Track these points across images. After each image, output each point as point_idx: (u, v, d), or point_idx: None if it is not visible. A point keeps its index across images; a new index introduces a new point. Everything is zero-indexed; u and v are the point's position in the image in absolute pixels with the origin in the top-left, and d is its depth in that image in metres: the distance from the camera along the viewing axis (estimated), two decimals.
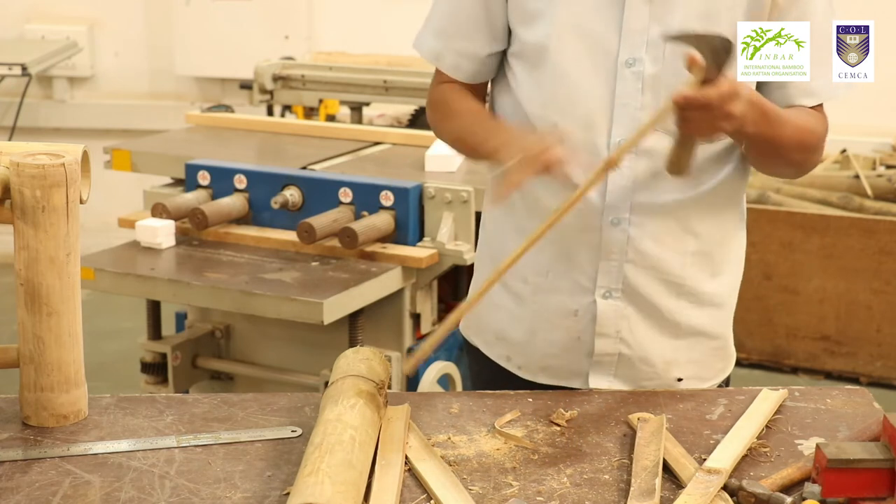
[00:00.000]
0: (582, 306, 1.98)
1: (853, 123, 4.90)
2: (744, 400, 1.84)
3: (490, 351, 2.09)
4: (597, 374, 1.99)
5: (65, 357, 1.73)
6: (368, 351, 1.79)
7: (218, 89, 6.18)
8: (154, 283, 3.17)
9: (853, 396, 1.88)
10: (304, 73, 4.43)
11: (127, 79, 6.31)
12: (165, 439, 1.69)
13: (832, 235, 4.71)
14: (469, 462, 1.64)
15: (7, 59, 5.68)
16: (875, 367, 4.75)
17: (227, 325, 3.53)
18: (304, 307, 2.98)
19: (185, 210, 3.38)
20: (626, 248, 1.94)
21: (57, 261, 1.69)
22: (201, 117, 4.39)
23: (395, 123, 4.66)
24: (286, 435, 1.71)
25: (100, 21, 6.26)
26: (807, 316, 4.82)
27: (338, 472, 1.45)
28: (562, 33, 1.90)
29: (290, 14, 5.94)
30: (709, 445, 1.68)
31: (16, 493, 1.53)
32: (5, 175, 1.67)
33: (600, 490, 1.56)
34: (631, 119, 1.89)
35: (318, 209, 3.31)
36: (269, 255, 3.28)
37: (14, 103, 5.98)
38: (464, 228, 3.30)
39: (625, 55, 1.89)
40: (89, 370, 1.79)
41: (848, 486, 1.48)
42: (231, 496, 1.53)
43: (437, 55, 2.02)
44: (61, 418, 1.74)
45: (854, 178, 4.91)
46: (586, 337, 1.98)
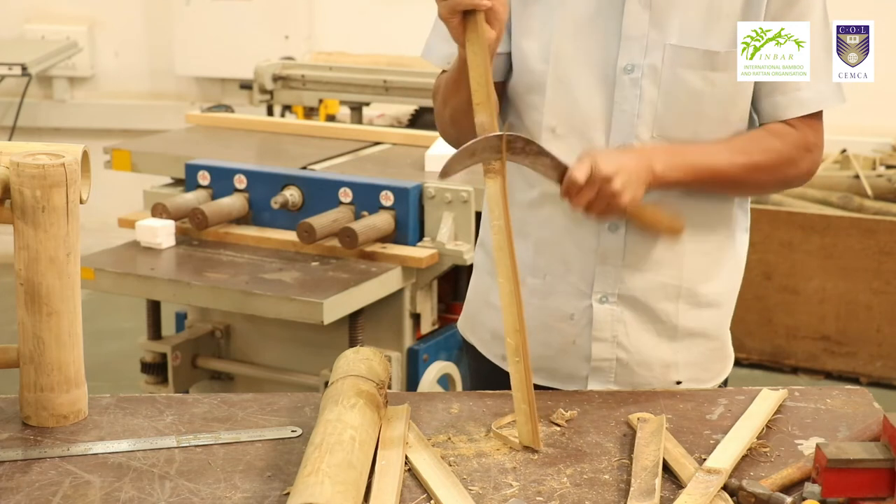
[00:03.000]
0: (578, 310, 1.98)
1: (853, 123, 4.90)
2: (744, 400, 1.84)
3: (486, 350, 2.09)
4: (596, 381, 1.99)
5: (65, 357, 1.73)
6: (368, 351, 1.79)
7: (218, 89, 6.18)
8: (154, 283, 3.18)
9: (853, 396, 1.88)
10: (304, 73, 4.43)
11: (127, 79, 6.31)
12: (165, 439, 1.69)
13: (832, 235, 4.71)
14: (469, 462, 1.64)
15: (7, 59, 5.68)
16: (875, 367, 4.75)
17: (227, 325, 3.53)
18: (304, 307, 2.98)
19: (185, 210, 3.38)
20: (624, 252, 1.94)
21: (57, 261, 1.69)
22: (201, 117, 4.40)
23: (395, 123, 4.66)
24: (286, 435, 1.71)
25: (100, 21, 6.26)
26: (807, 316, 4.82)
27: (338, 472, 1.45)
28: (561, 38, 1.90)
29: (290, 14, 5.94)
30: (709, 445, 1.68)
31: (16, 493, 1.53)
32: (5, 175, 1.67)
33: (600, 490, 1.56)
34: (629, 125, 1.89)
35: (318, 209, 3.31)
36: (269, 255, 3.28)
37: (14, 103, 5.98)
38: (464, 228, 3.30)
39: (623, 62, 1.89)
40: (89, 370, 1.79)
41: (848, 486, 1.48)
42: (231, 496, 1.53)
43: (447, 59, 1.98)
44: (61, 418, 1.74)
45: (854, 178, 4.92)
46: (582, 341, 1.98)
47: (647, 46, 1.88)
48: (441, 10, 1.75)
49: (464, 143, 2.06)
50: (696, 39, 1.87)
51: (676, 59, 1.87)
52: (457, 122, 1.97)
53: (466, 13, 1.73)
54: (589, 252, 1.95)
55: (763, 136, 1.92)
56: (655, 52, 1.88)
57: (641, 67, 1.88)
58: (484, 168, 1.72)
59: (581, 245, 1.95)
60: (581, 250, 1.95)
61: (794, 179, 1.98)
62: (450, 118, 1.98)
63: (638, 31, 1.88)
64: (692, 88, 1.88)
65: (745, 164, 1.90)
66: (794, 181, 1.99)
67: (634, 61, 1.88)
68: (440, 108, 2.01)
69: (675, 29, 1.87)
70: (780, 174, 1.95)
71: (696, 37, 1.87)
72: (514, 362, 1.69)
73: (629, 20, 1.88)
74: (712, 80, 1.87)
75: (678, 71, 1.87)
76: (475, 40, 1.74)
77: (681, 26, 1.87)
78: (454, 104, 1.93)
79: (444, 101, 1.97)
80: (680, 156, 1.87)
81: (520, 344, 1.69)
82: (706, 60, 1.87)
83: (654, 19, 1.88)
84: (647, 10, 1.88)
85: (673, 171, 1.85)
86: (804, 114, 1.91)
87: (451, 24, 1.75)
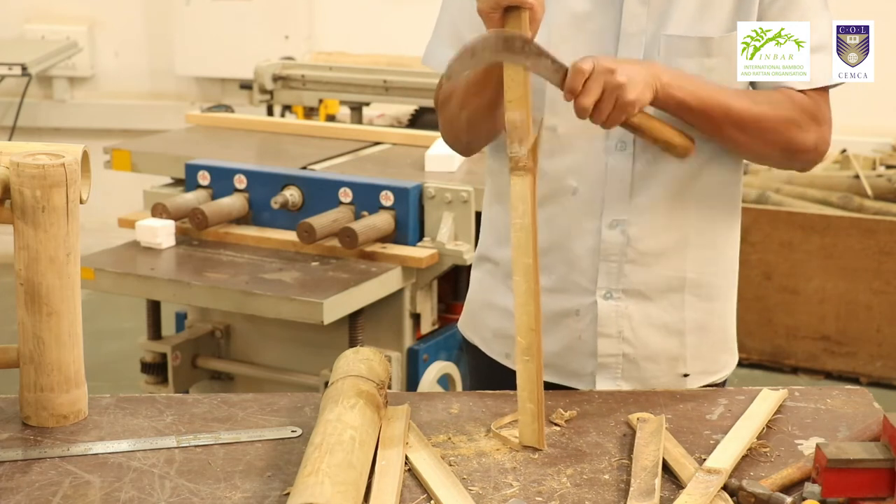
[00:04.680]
0: (583, 307, 1.98)
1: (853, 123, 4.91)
2: (744, 400, 1.84)
3: (489, 349, 2.09)
4: (603, 378, 1.99)
5: (65, 357, 1.73)
6: (368, 351, 1.79)
7: (218, 89, 6.18)
8: (154, 283, 3.18)
9: (853, 396, 1.88)
10: (304, 73, 4.43)
11: (127, 79, 6.31)
12: (165, 439, 1.69)
13: (832, 235, 4.71)
14: (469, 462, 1.64)
15: (7, 59, 5.68)
16: (875, 367, 4.76)
17: (227, 325, 3.53)
18: (304, 307, 2.98)
19: (185, 210, 3.38)
20: (626, 248, 1.94)
21: (57, 261, 1.69)
22: (201, 117, 4.40)
23: (395, 123, 4.66)
24: (286, 435, 1.71)
25: (100, 21, 6.26)
26: (807, 316, 4.82)
27: (338, 472, 1.45)
28: (560, 37, 1.90)
29: (290, 14, 5.94)
30: (709, 445, 1.68)
31: (16, 493, 1.53)
32: (5, 175, 1.67)
33: (600, 490, 1.56)
34: None
35: (318, 209, 3.31)
36: (269, 255, 3.28)
37: (14, 103, 5.98)
38: (464, 228, 3.31)
39: (623, 57, 1.88)
40: (89, 370, 1.79)
41: (848, 486, 1.48)
42: (231, 496, 1.53)
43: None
44: (61, 418, 1.74)
45: (854, 178, 4.92)
46: (587, 337, 1.98)
47: (646, 41, 1.88)
48: (482, 5, 1.73)
49: (474, 149, 2.06)
50: (691, 28, 1.87)
51: (673, 50, 1.88)
52: (474, 126, 1.95)
53: (508, 10, 1.73)
54: (591, 249, 1.95)
55: (773, 93, 1.90)
56: (653, 45, 1.88)
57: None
58: (512, 165, 1.71)
59: (583, 242, 1.95)
60: (583, 248, 1.95)
61: (800, 147, 1.91)
62: (467, 122, 1.95)
63: (636, 28, 1.89)
64: None
65: (750, 108, 1.86)
66: (799, 150, 1.91)
67: (633, 56, 1.88)
68: (455, 112, 1.96)
69: (672, 20, 1.88)
70: (785, 133, 1.89)
71: (692, 25, 1.87)
72: (524, 361, 1.69)
73: (628, 17, 1.88)
74: (709, 67, 1.87)
75: (675, 61, 1.87)
76: None
77: (678, 17, 1.88)
78: (475, 107, 1.91)
79: (462, 105, 1.93)
80: (688, 79, 1.84)
81: (532, 343, 1.68)
82: (702, 47, 1.87)
83: (651, 14, 1.88)
84: (646, 6, 1.88)
85: (679, 88, 1.81)
86: (811, 87, 1.89)
87: (491, 18, 1.73)
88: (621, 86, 1.75)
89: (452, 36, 1.96)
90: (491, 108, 1.73)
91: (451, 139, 2.04)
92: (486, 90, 1.85)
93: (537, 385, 1.69)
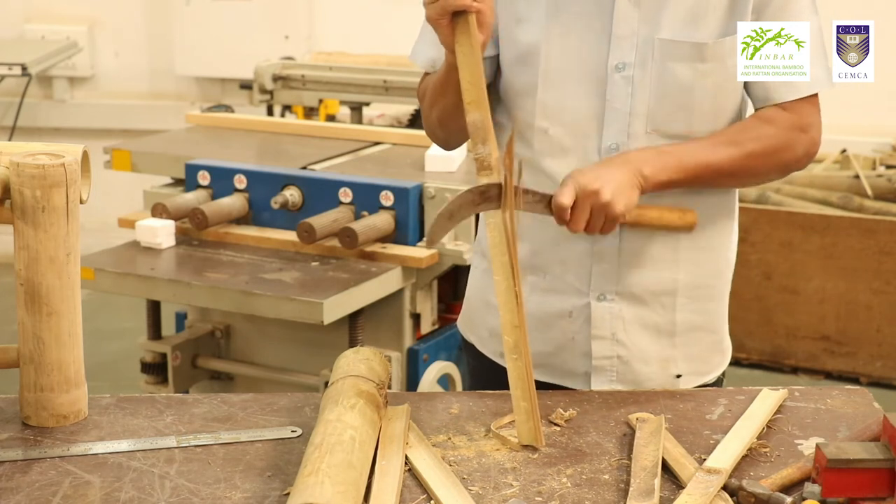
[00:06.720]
0: (576, 308, 1.98)
1: (853, 123, 4.91)
2: (744, 400, 1.84)
3: (485, 348, 2.10)
4: (599, 380, 1.99)
5: (65, 357, 1.73)
6: (368, 351, 1.79)
7: (218, 89, 6.18)
8: (154, 283, 3.18)
9: (853, 396, 1.88)
10: (304, 73, 4.43)
11: (127, 79, 6.31)
12: (165, 439, 1.69)
13: (832, 235, 4.71)
14: (469, 462, 1.64)
15: (7, 59, 5.68)
16: (875, 367, 4.76)
17: (227, 325, 3.53)
18: (304, 307, 2.98)
19: (185, 210, 3.38)
20: (620, 251, 1.94)
21: (57, 261, 1.69)
22: (201, 117, 4.39)
23: (395, 123, 4.66)
24: (286, 435, 1.71)
25: (100, 21, 6.26)
26: (807, 316, 4.82)
27: (338, 472, 1.45)
28: (551, 39, 1.90)
29: (290, 14, 5.94)
30: (709, 445, 1.68)
31: (16, 493, 1.53)
32: (5, 175, 1.67)
33: (600, 490, 1.56)
34: (622, 123, 1.89)
35: (318, 209, 3.31)
36: (269, 255, 3.28)
37: (14, 103, 5.98)
38: (464, 228, 3.30)
39: (614, 60, 1.89)
40: (89, 370, 1.79)
41: (848, 486, 1.48)
42: (231, 496, 1.53)
43: (433, 62, 2.00)
44: (61, 418, 1.74)
45: (854, 178, 4.91)
46: (580, 338, 1.99)
47: (638, 44, 1.88)
48: (430, 12, 1.75)
49: (452, 144, 2.08)
50: (684, 32, 1.87)
51: (666, 53, 1.88)
52: (444, 124, 1.99)
53: (455, 15, 1.74)
54: (585, 252, 1.96)
55: (754, 123, 1.92)
56: (646, 48, 1.88)
57: (632, 65, 1.88)
58: (477, 165, 1.72)
59: (577, 246, 1.96)
60: (577, 251, 1.96)
61: (792, 163, 1.95)
62: (437, 120, 2.00)
63: (628, 30, 1.89)
64: (683, 81, 1.88)
65: (737, 154, 1.89)
66: (793, 164, 1.96)
67: (625, 59, 1.89)
68: (427, 111, 2.02)
69: (664, 24, 1.88)
70: (776, 160, 1.92)
71: (685, 29, 1.87)
72: (512, 359, 1.69)
73: (619, 19, 1.88)
74: (702, 72, 1.88)
75: (668, 65, 1.88)
76: (465, 41, 1.74)
77: (670, 21, 1.88)
78: (442, 106, 1.95)
79: (432, 104, 1.99)
80: (667, 155, 1.86)
81: (518, 341, 1.69)
82: (695, 52, 1.87)
83: (643, 17, 1.88)
84: (637, 8, 1.88)
85: (663, 172, 1.84)
86: (797, 97, 1.90)
87: (440, 26, 1.75)
88: (608, 204, 1.78)
89: (435, 39, 1.98)
90: (458, 107, 1.75)
91: (430, 134, 2.09)
92: (448, 92, 1.88)
93: (528, 382, 1.69)
